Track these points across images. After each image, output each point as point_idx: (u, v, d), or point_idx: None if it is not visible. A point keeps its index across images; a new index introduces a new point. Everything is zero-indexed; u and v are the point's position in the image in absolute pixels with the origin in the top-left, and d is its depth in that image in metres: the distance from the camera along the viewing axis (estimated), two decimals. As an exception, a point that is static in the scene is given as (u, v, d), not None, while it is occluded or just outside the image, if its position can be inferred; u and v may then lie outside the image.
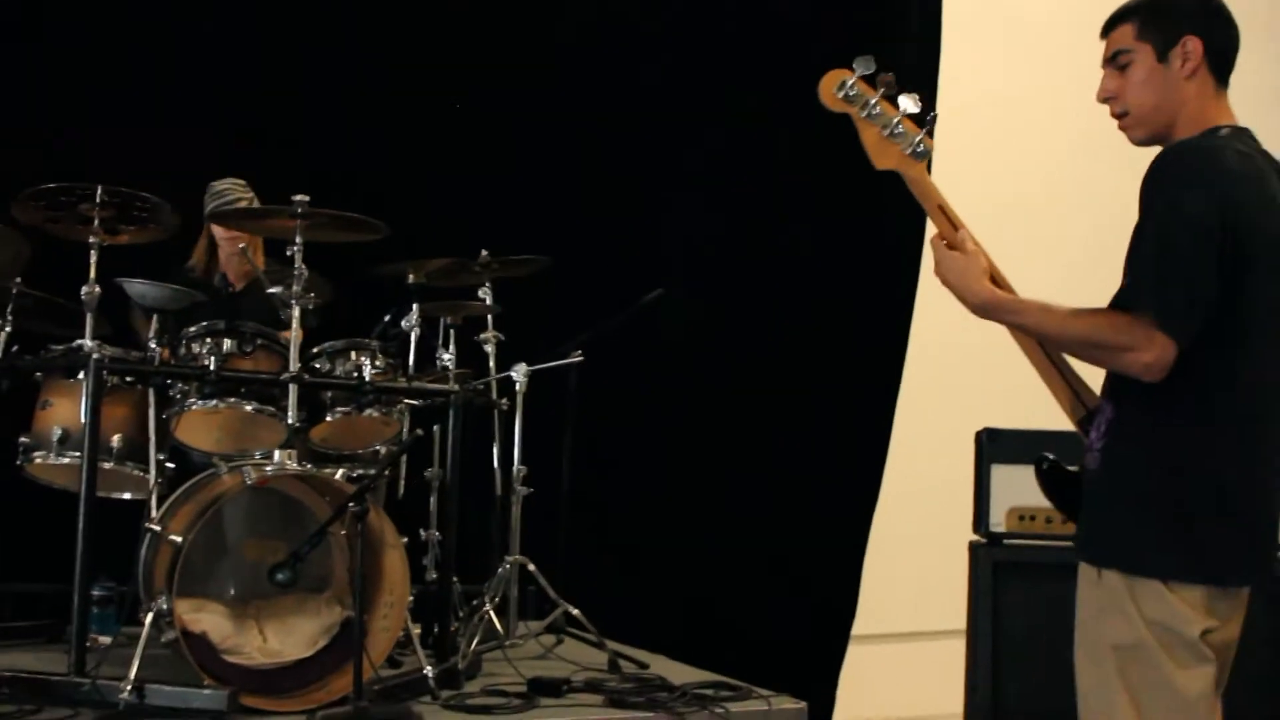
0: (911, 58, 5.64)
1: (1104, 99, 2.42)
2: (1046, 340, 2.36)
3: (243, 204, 4.38)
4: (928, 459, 5.51)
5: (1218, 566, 2.20)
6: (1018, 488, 3.83)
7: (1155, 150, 2.33)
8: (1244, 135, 2.33)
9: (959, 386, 5.89)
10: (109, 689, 3.25)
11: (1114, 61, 2.39)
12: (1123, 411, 2.28)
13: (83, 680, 3.31)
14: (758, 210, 5.45)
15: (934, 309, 5.62)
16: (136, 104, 4.71)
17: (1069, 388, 2.41)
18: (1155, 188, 2.21)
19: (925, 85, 5.06)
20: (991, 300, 2.34)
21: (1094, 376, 2.40)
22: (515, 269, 4.43)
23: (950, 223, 2.44)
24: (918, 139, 2.46)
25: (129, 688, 3.21)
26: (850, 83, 2.46)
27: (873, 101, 2.46)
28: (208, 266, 4.60)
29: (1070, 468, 2.44)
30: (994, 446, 3.90)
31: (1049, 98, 6.15)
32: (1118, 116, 2.41)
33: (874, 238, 5.53)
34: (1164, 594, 2.17)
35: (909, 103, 2.46)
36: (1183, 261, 2.15)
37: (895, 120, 2.46)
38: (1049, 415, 3.97)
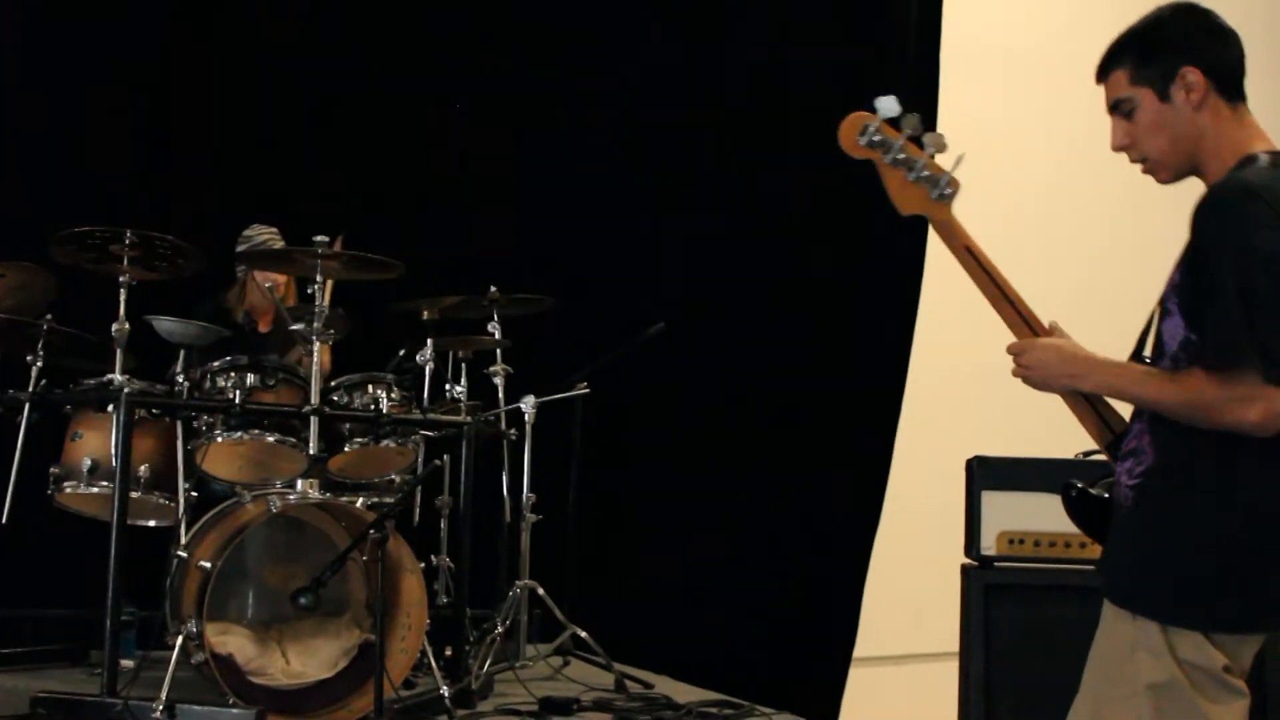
0: (909, 90, 5.75)
1: (1119, 148, 2.28)
2: (1144, 406, 2.18)
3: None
4: (920, 486, 5.56)
5: (1261, 615, 2.14)
6: (1008, 512, 3.93)
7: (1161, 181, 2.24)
8: None
9: (950, 415, 5.99)
10: (140, 709, 3.34)
11: (1117, 110, 2.26)
12: (1163, 455, 2.15)
13: (115, 700, 3.40)
14: (758, 243, 5.53)
15: (928, 341, 5.77)
16: (163, 149, 4.89)
17: (1095, 413, 2.28)
18: (1215, 234, 2.07)
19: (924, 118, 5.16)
20: (1096, 368, 2.19)
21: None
22: (522, 305, 4.57)
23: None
24: (944, 180, 2.29)
25: (160, 708, 3.31)
26: (873, 127, 2.28)
27: (897, 145, 2.29)
28: (240, 306, 4.67)
29: (1100, 494, 2.31)
30: (984, 473, 3.95)
31: (1046, 128, 6.28)
32: (1138, 163, 2.27)
33: (875, 268, 5.60)
34: (1203, 642, 2.09)
35: (934, 142, 2.28)
36: (1272, 305, 2.02)
37: (921, 163, 2.29)
38: (1037, 443, 4.13)
